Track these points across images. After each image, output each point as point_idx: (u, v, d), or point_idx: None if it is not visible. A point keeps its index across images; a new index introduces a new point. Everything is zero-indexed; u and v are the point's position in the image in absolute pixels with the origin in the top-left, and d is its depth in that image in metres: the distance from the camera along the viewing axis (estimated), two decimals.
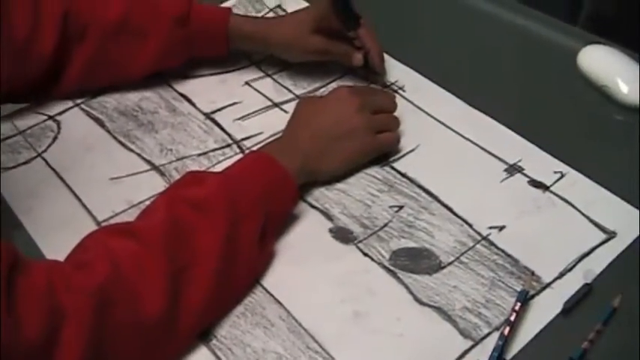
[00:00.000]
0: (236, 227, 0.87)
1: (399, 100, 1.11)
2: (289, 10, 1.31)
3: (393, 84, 1.17)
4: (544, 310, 0.87)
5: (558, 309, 0.87)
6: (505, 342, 0.83)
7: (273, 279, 0.92)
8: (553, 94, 1.15)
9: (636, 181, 1.00)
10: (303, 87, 1.19)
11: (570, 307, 0.87)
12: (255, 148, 1.04)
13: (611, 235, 0.95)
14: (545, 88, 1.16)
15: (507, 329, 0.84)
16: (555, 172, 1.03)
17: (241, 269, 0.89)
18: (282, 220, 0.96)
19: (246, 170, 0.93)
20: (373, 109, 1.04)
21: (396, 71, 1.17)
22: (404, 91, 1.16)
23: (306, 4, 1.26)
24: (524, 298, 0.87)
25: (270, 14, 1.33)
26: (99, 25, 1.12)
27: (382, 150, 1.04)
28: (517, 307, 0.86)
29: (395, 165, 1.05)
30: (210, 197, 0.87)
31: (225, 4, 1.33)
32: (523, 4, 1.30)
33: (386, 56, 1.17)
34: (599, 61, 1.16)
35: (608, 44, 1.18)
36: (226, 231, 0.86)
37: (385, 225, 0.97)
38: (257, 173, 0.93)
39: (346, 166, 1.02)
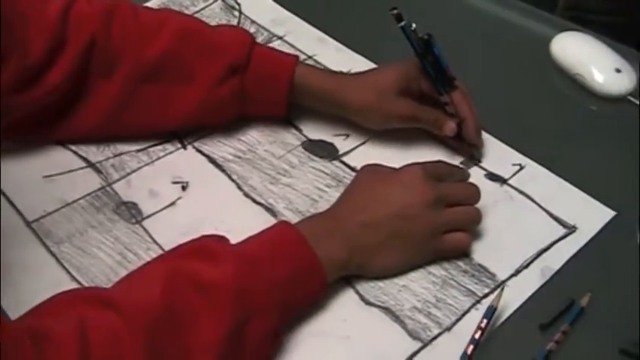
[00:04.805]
0: (245, 323, 0.73)
1: None
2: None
3: None
4: (498, 309, 0.82)
5: (514, 307, 0.83)
6: None
7: None
8: (519, 84, 1.11)
9: (601, 172, 0.97)
10: None
11: (548, 323, 0.82)
12: (290, 219, 0.89)
13: (571, 229, 0.91)
14: (511, 76, 1.12)
15: (471, 348, 0.79)
16: (514, 165, 0.98)
17: None
18: (301, 311, 0.82)
19: (270, 250, 0.78)
20: (450, 203, 0.87)
21: (351, 61, 1.11)
22: None
23: None
24: (492, 315, 0.80)
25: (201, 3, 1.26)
26: (132, 61, 0.96)
27: (449, 255, 0.88)
28: (483, 325, 0.80)
29: (344, 159, 1.00)
30: (220, 281, 0.73)
31: (149, 3, 1.25)
32: None
33: None
34: (573, 49, 1.12)
35: (584, 31, 1.14)
36: (231, 327, 0.72)
37: None
38: (282, 257, 0.78)
39: (400, 268, 0.86)
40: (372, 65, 1.08)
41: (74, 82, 0.96)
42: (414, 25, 0.92)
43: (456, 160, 0.99)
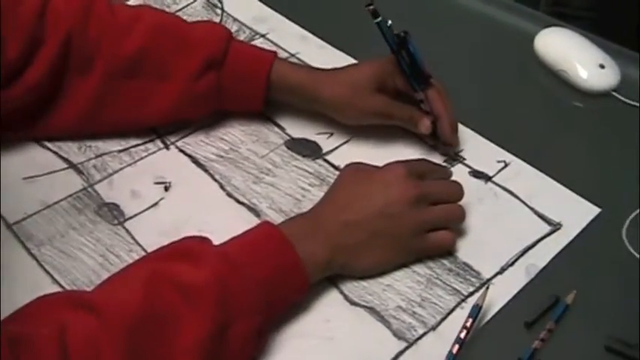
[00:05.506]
0: (227, 325, 0.72)
1: None
2: None
3: None
4: (483, 308, 0.81)
5: (499, 306, 0.83)
6: None
7: None
8: (503, 80, 1.11)
9: (586, 169, 0.97)
10: None
11: (534, 321, 0.81)
12: (273, 218, 0.90)
13: (556, 226, 0.90)
14: (495, 73, 1.12)
15: (457, 347, 0.78)
16: (498, 162, 0.98)
17: None
18: (284, 312, 0.81)
19: (252, 251, 0.77)
20: (433, 201, 0.86)
21: (334, 58, 1.10)
22: None
23: None
24: (477, 314, 0.80)
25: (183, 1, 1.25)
26: (109, 58, 0.96)
27: (433, 253, 0.87)
28: (468, 324, 0.79)
29: (328, 157, 0.99)
30: (202, 283, 0.72)
31: (131, 1, 1.24)
32: None
33: None
34: (557, 45, 1.12)
35: (567, 27, 1.14)
36: (214, 329, 0.71)
37: None
38: (264, 258, 0.77)
39: (383, 268, 0.85)
40: (355, 62, 1.07)
41: (52, 79, 0.96)
42: (389, 22, 0.92)
43: (440, 159, 0.98)
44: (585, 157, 0.99)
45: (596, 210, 0.92)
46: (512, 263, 0.86)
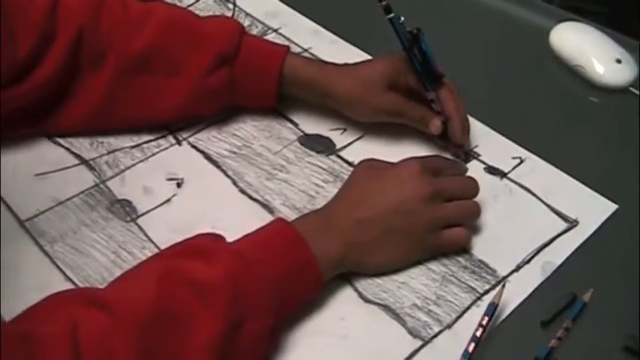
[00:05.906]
0: (241, 323, 0.71)
1: None
2: None
3: None
4: (499, 306, 0.80)
5: (515, 304, 0.82)
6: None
7: None
8: (518, 75, 1.10)
9: (602, 165, 0.96)
10: None
11: (550, 319, 0.81)
12: (287, 215, 0.90)
13: (572, 223, 0.89)
14: (510, 68, 1.11)
15: (472, 346, 0.77)
16: (514, 158, 0.97)
17: None
18: (298, 309, 0.81)
19: (266, 249, 0.77)
20: (448, 197, 0.86)
21: (347, 53, 1.09)
22: None
23: None
24: (493, 313, 0.79)
25: None
26: (119, 55, 0.95)
27: (447, 250, 0.86)
28: (484, 322, 0.78)
29: (341, 154, 0.99)
30: (215, 281, 0.71)
31: None
32: None
33: None
34: (573, 40, 1.11)
35: (583, 21, 1.13)
36: (227, 327, 0.70)
37: None
38: (277, 255, 0.77)
39: (397, 265, 0.85)
40: (368, 57, 1.06)
41: (63, 75, 0.95)
42: (402, 18, 0.91)
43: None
44: (602, 153, 0.98)
45: (613, 207, 0.91)
46: (529, 261, 0.86)
